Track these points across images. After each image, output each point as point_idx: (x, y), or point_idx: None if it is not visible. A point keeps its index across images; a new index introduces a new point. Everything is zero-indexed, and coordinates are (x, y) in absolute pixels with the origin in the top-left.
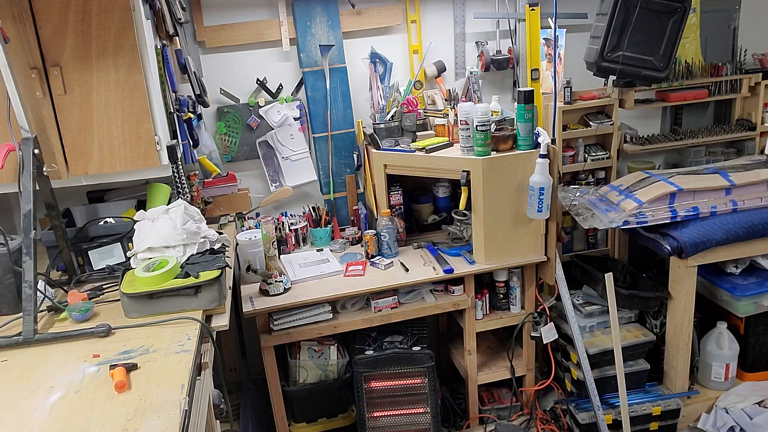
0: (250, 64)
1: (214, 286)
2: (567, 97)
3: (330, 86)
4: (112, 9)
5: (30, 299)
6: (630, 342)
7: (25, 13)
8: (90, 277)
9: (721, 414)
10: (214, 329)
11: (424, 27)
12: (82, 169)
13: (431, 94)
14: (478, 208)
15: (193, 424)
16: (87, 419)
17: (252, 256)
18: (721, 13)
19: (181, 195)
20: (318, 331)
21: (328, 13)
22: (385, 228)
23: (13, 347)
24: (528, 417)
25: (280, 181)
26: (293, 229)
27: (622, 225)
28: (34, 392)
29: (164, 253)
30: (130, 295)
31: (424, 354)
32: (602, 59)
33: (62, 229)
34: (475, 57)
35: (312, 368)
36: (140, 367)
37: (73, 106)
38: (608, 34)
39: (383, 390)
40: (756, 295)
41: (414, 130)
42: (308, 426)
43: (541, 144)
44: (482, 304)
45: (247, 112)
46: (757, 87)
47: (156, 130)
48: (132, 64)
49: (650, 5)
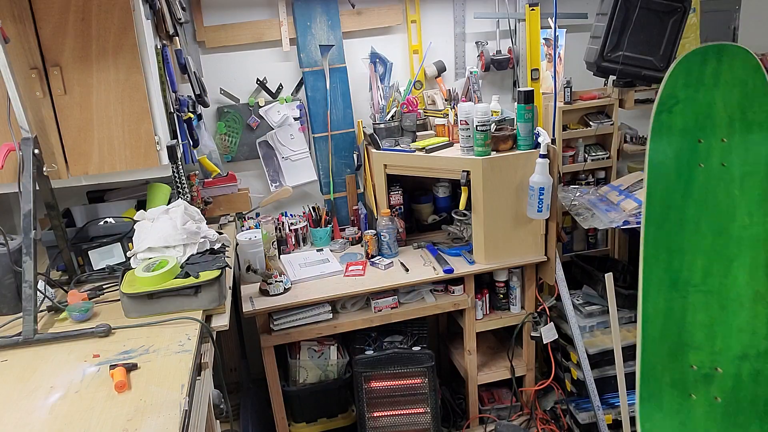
0: (250, 64)
1: (214, 286)
2: (567, 97)
3: (330, 86)
4: (112, 9)
5: (30, 299)
6: (630, 342)
7: (25, 13)
8: (90, 277)
9: None
10: (214, 329)
11: (424, 27)
12: (82, 169)
13: (431, 94)
14: (478, 208)
15: (193, 424)
16: (87, 419)
17: (252, 256)
18: (721, 13)
19: (181, 195)
20: (318, 331)
21: (328, 13)
22: (385, 228)
23: (13, 347)
24: (528, 417)
25: (280, 181)
26: (293, 229)
27: (622, 225)
28: (34, 392)
29: (164, 253)
30: (130, 295)
31: (424, 354)
32: (602, 59)
33: (62, 229)
34: (475, 57)
35: (312, 368)
36: (140, 367)
37: (73, 106)
38: (608, 34)
39: (383, 390)
40: None
41: (414, 130)
42: (308, 426)
43: (541, 144)
44: (482, 304)
45: (247, 112)
46: None
47: (156, 130)
48: (132, 64)
49: (650, 5)
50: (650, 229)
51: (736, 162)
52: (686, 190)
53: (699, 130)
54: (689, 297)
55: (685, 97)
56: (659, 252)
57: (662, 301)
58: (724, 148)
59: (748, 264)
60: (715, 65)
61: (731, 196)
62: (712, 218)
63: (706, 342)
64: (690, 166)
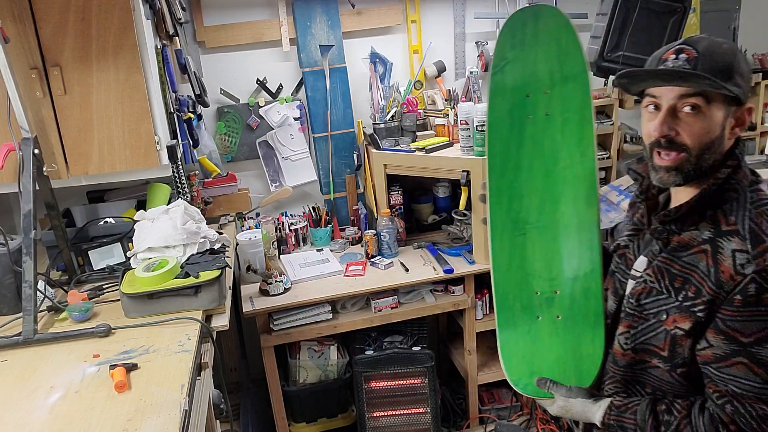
0: (250, 64)
1: (214, 286)
2: None
3: (330, 86)
4: (112, 9)
5: (30, 299)
6: None
7: (25, 13)
8: (90, 277)
9: None
10: (214, 329)
11: (424, 27)
12: (82, 169)
13: (431, 94)
14: (478, 208)
15: (193, 424)
16: (87, 419)
17: (252, 256)
18: (721, 13)
19: (181, 195)
20: (318, 331)
21: (328, 13)
22: (385, 228)
23: (13, 347)
24: (528, 417)
25: (280, 181)
26: (293, 229)
27: None
28: (34, 392)
29: (164, 253)
30: (130, 295)
31: (424, 354)
32: (602, 59)
33: (62, 229)
34: (475, 57)
35: (312, 368)
36: (140, 367)
37: (73, 106)
38: (608, 34)
39: (383, 390)
40: None
41: (414, 130)
42: (308, 426)
43: None
44: (482, 304)
45: (247, 112)
46: (757, 87)
47: (156, 130)
48: (132, 64)
49: (650, 5)
50: (493, 179)
51: (557, 111)
52: (519, 140)
53: (526, 86)
54: (528, 234)
55: (513, 57)
56: (501, 198)
57: (507, 240)
58: (547, 100)
59: (572, 199)
60: (533, 26)
61: (555, 141)
62: (541, 163)
63: (545, 270)
64: (521, 119)
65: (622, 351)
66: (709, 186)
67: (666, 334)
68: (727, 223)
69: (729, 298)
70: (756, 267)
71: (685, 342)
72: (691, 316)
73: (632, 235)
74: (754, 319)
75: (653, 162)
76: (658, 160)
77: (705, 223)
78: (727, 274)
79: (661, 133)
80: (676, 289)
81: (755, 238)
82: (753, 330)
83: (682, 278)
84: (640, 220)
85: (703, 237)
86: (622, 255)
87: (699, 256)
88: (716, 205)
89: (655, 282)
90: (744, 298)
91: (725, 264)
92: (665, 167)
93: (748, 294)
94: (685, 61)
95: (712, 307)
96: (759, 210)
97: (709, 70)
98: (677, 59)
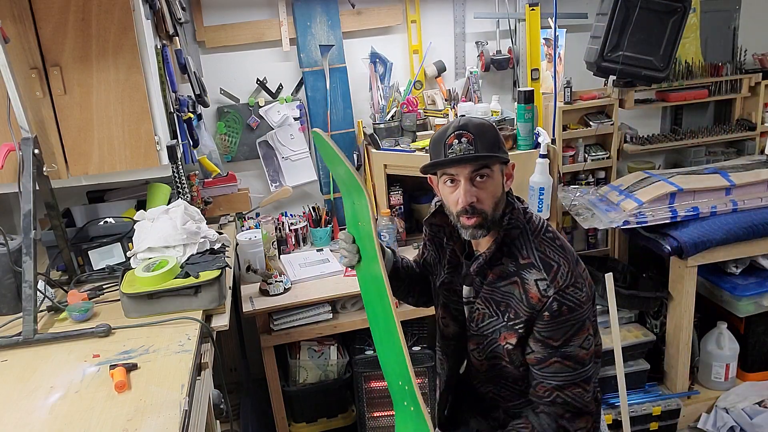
0: (250, 64)
1: (214, 286)
2: (567, 97)
3: (330, 86)
4: (112, 9)
5: (30, 299)
6: (630, 342)
7: (25, 13)
8: (90, 277)
9: (721, 414)
10: (214, 329)
11: (424, 27)
12: (82, 169)
13: (431, 94)
14: None
15: (193, 424)
16: (87, 419)
17: (252, 256)
18: (721, 13)
19: (181, 195)
20: (318, 331)
21: (328, 13)
22: (385, 228)
23: (13, 347)
24: None
25: (280, 181)
26: (293, 229)
27: (622, 225)
28: (34, 392)
29: (164, 253)
30: (130, 295)
31: (424, 354)
32: (602, 59)
33: (62, 229)
34: (475, 57)
35: (312, 368)
36: (140, 367)
37: (73, 106)
38: (608, 34)
39: (383, 390)
40: (756, 295)
41: (414, 130)
42: (308, 426)
43: (541, 144)
44: None
45: (247, 112)
46: (757, 87)
47: (156, 130)
48: (132, 64)
49: (650, 5)
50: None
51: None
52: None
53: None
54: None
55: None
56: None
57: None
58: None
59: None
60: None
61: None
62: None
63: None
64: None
65: (478, 361)
66: (500, 233)
67: (502, 348)
68: (522, 257)
69: (540, 315)
70: (555, 289)
71: (516, 351)
72: (515, 333)
73: (451, 271)
74: (560, 327)
75: (461, 222)
76: (465, 221)
77: (506, 258)
78: (536, 298)
79: (467, 203)
80: (502, 311)
81: (547, 266)
82: (560, 336)
83: (505, 303)
84: (452, 257)
85: (510, 270)
86: (449, 289)
87: (513, 286)
88: (510, 243)
89: (486, 309)
90: (550, 314)
91: (532, 291)
92: (472, 226)
93: (553, 310)
94: (467, 143)
95: (529, 324)
96: (538, 239)
97: (487, 147)
98: (460, 143)
